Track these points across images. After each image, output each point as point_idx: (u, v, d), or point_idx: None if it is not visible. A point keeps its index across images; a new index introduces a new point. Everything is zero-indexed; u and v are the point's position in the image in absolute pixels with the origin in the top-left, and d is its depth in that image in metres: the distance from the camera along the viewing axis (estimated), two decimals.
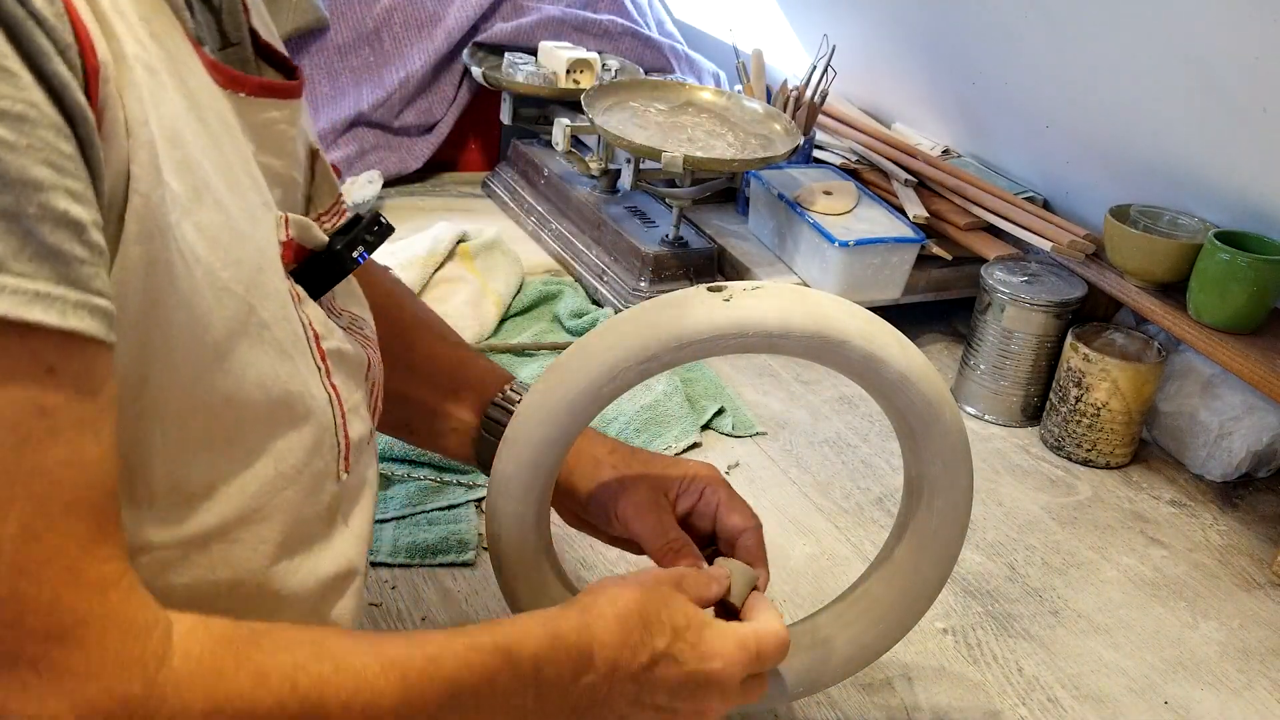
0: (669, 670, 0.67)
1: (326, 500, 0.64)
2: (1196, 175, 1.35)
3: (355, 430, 0.65)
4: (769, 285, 0.75)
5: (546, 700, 0.63)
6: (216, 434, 0.56)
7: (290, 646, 0.54)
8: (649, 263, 1.46)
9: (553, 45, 1.69)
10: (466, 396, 0.86)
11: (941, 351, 1.53)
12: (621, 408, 1.25)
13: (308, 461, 0.61)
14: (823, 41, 1.57)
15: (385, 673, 0.56)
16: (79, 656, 0.46)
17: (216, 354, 0.54)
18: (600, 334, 0.74)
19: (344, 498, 0.66)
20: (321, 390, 0.62)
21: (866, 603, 0.85)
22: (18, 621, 0.45)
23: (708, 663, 0.68)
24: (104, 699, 0.46)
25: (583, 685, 0.64)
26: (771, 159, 1.43)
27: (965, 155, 1.69)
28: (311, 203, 0.67)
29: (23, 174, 0.44)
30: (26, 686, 0.45)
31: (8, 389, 0.45)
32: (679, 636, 0.68)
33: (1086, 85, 1.46)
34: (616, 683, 0.65)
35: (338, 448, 0.64)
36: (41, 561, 0.46)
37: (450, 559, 1.02)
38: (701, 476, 0.84)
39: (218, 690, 0.50)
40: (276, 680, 0.51)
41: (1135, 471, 1.32)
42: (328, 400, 0.62)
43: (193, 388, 0.54)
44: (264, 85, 0.60)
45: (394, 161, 1.74)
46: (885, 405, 0.79)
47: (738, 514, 0.83)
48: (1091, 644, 1.04)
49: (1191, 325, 1.26)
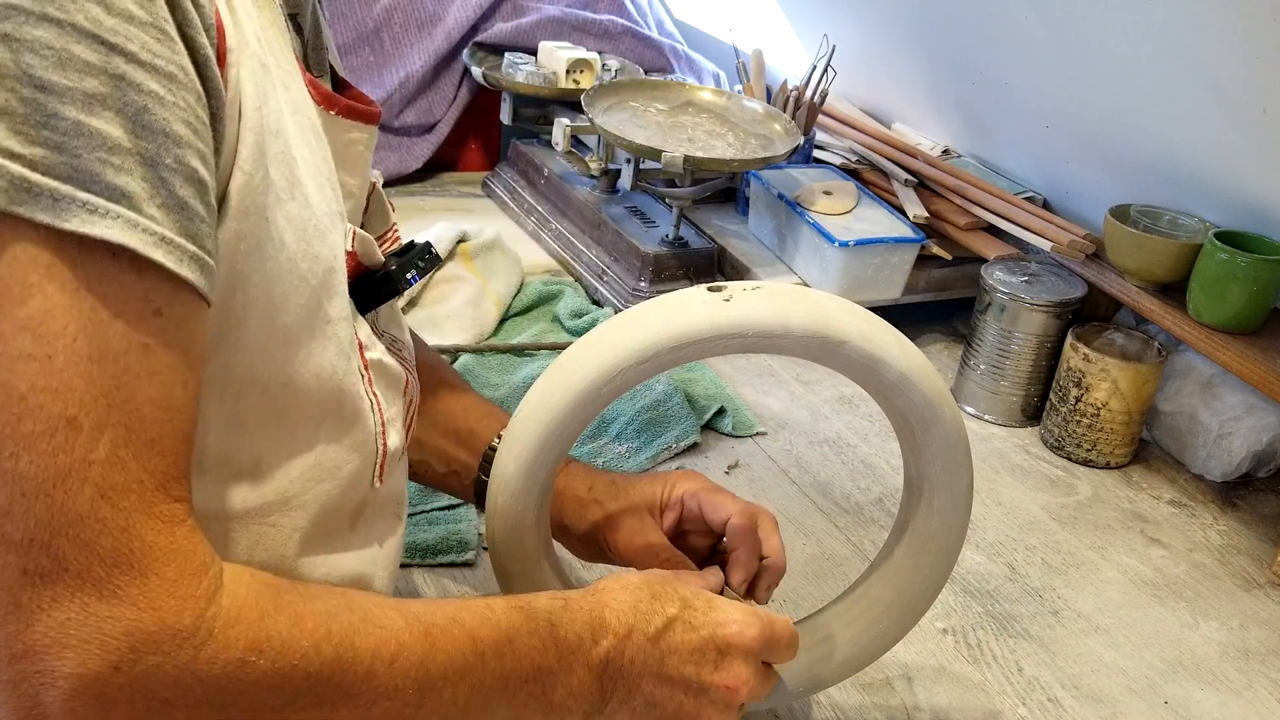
0: (685, 635, 0.68)
1: (356, 503, 0.66)
2: (1196, 175, 1.35)
3: (392, 441, 0.68)
4: (769, 285, 0.75)
5: (570, 663, 0.64)
6: (269, 415, 0.58)
7: (324, 596, 0.56)
8: (649, 263, 1.46)
9: (553, 45, 1.69)
10: (467, 440, 0.89)
11: (941, 351, 1.53)
12: (621, 408, 1.25)
13: (347, 459, 0.64)
14: (823, 41, 1.57)
15: (410, 626, 0.58)
16: (140, 585, 0.48)
17: (285, 338, 0.57)
18: (600, 334, 0.74)
19: (372, 506, 0.69)
20: (366, 396, 0.65)
21: (866, 603, 0.85)
22: (93, 542, 0.47)
23: (723, 627, 0.69)
24: (156, 627, 0.48)
25: (602, 649, 0.65)
26: (771, 159, 1.43)
27: (965, 155, 1.69)
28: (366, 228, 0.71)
29: (167, 127, 0.48)
30: (86, 608, 0.47)
31: (120, 321, 0.48)
32: (688, 605, 0.69)
33: (1086, 85, 1.46)
34: (636, 648, 0.66)
35: (376, 454, 0.66)
36: (122, 489, 0.48)
37: (450, 559, 1.02)
38: (681, 488, 0.86)
39: (259, 630, 0.52)
40: (312, 624, 0.54)
41: (1135, 471, 1.32)
42: (370, 407, 0.65)
43: (257, 366, 0.57)
44: (351, 108, 0.65)
45: (394, 161, 1.74)
46: (885, 405, 0.79)
47: (720, 509, 0.84)
48: (1091, 644, 1.04)
49: (1191, 325, 1.26)
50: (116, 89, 0.47)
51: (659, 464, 1.20)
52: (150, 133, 0.48)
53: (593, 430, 1.22)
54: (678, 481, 0.86)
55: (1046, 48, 1.50)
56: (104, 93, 0.46)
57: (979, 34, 1.60)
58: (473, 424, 0.89)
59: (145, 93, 0.47)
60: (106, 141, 0.47)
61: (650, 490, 0.86)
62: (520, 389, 1.25)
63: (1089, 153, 1.50)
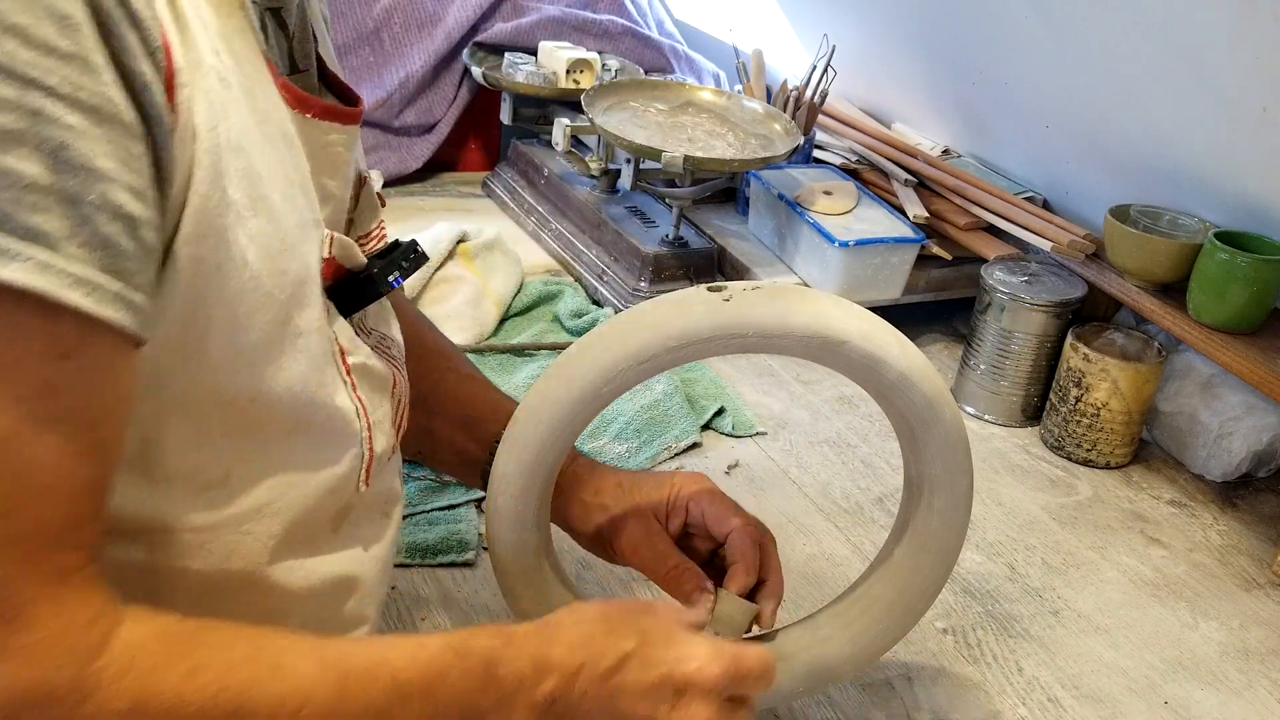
0: (640, 674, 0.65)
1: (339, 507, 0.66)
2: (1196, 175, 1.35)
3: (379, 443, 0.67)
4: (769, 285, 0.75)
5: (510, 703, 0.61)
6: (238, 429, 0.58)
7: (230, 645, 0.54)
8: (649, 263, 1.46)
9: (553, 45, 1.69)
10: (475, 430, 0.88)
11: (941, 351, 1.53)
12: (621, 408, 1.25)
13: (325, 466, 0.63)
14: (823, 41, 1.57)
15: (323, 673, 0.56)
16: (19, 639, 0.47)
17: (251, 355, 0.56)
18: (600, 334, 0.74)
19: (358, 509, 0.68)
20: (349, 402, 0.64)
21: (866, 603, 0.85)
22: None
23: (682, 664, 0.65)
24: (31, 684, 0.47)
25: (547, 688, 0.62)
26: (771, 159, 1.43)
27: (965, 155, 1.69)
28: (354, 225, 0.70)
29: (89, 162, 0.46)
30: None
31: (20, 367, 0.46)
32: (646, 640, 0.66)
33: (1086, 85, 1.46)
34: (585, 687, 0.63)
35: (362, 457, 0.66)
36: (6, 540, 0.47)
37: (450, 559, 1.02)
38: (686, 493, 0.85)
39: (149, 682, 0.50)
40: (210, 676, 0.52)
41: (1135, 471, 1.32)
42: (355, 412, 0.64)
43: (222, 383, 0.56)
44: (328, 109, 0.63)
45: (394, 161, 1.74)
46: (885, 405, 0.79)
47: (723, 523, 0.83)
48: (1091, 644, 1.04)
49: (1191, 325, 1.26)
50: (33, 125, 0.45)
51: (659, 464, 1.20)
52: (71, 169, 0.46)
53: (593, 430, 1.22)
54: (684, 485, 0.85)
55: (1046, 48, 1.50)
56: (19, 129, 0.45)
57: (979, 34, 1.60)
58: (481, 414, 0.89)
59: (65, 127, 0.46)
60: (22, 180, 0.45)
61: (657, 494, 0.85)
62: (520, 389, 1.25)
63: (1089, 153, 1.50)
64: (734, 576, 0.81)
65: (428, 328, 0.93)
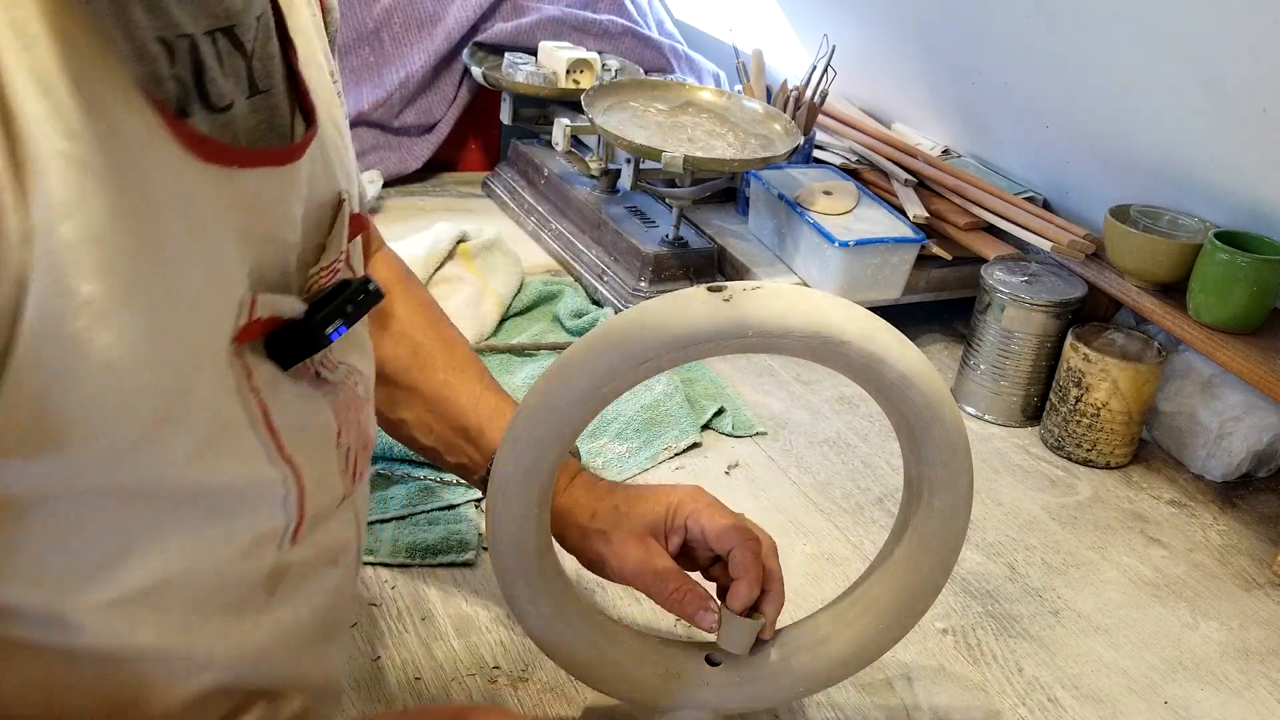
0: None
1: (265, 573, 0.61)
2: (1196, 175, 1.35)
3: (319, 502, 0.62)
4: (769, 285, 0.75)
5: None
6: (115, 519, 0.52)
7: None
8: (649, 263, 1.46)
9: (553, 45, 1.69)
10: (475, 438, 0.87)
11: (941, 351, 1.53)
12: (621, 408, 1.25)
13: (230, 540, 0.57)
14: (823, 41, 1.57)
15: None
16: None
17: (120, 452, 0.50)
18: (600, 334, 0.73)
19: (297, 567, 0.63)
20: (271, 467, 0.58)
21: (866, 603, 0.85)
22: None
23: None
24: None
25: None
26: (771, 159, 1.43)
27: (965, 155, 1.69)
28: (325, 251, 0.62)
29: None
30: None
31: None
32: None
33: (1086, 85, 1.46)
34: None
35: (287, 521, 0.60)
36: None
37: (450, 559, 1.02)
38: (684, 511, 0.85)
39: None
40: None
41: (1135, 471, 1.32)
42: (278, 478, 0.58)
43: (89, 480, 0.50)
44: (258, 155, 0.55)
45: (394, 161, 1.74)
46: (885, 405, 0.79)
47: (724, 540, 0.83)
48: (1091, 644, 1.04)
49: (1191, 325, 1.26)
50: None
51: (659, 464, 1.20)
52: None
53: (593, 430, 1.22)
54: (681, 502, 0.85)
55: (1046, 48, 1.50)
56: None
57: (979, 34, 1.60)
58: (482, 421, 0.88)
59: None
60: None
61: (655, 513, 0.85)
62: (520, 389, 1.25)
63: (1089, 153, 1.50)
64: (737, 594, 0.81)
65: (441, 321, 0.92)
